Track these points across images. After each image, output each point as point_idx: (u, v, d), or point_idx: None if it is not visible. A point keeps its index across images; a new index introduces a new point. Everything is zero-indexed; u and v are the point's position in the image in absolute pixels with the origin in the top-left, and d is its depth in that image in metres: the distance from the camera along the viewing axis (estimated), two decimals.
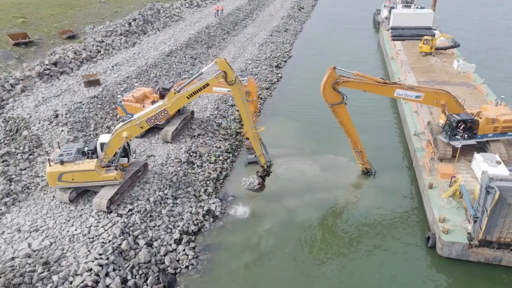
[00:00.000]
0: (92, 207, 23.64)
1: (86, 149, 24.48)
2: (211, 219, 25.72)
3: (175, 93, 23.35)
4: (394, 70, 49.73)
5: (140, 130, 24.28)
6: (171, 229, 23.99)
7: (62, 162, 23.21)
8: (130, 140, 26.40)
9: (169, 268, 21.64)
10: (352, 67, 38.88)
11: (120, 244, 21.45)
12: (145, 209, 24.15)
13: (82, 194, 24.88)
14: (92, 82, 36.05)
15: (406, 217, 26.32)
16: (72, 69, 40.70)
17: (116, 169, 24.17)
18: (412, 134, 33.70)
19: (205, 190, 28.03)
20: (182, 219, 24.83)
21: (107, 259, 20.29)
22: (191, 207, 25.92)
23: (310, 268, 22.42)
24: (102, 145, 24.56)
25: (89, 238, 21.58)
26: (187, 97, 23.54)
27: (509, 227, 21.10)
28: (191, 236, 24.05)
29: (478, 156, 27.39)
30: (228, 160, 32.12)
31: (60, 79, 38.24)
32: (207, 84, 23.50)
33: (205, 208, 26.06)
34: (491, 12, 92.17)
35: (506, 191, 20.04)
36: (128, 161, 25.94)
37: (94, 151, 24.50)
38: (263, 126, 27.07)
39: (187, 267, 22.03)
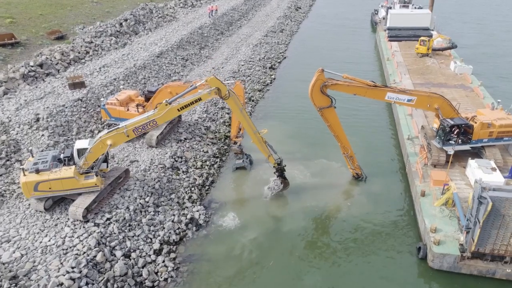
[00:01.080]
0: (69, 216, 22.64)
1: (62, 156, 23.50)
2: (194, 228, 24.72)
3: (166, 105, 22.84)
4: (389, 72, 48.70)
5: (126, 138, 23.40)
6: (151, 239, 22.99)
7: (37, 171, 22.20)
8: None
9: (146, 281, 20.63)
10: (347, 69, 37.73)
11: (95, 256, 20.45)
12: (124, 218, 23.15)
13: (59, 202, 23.89)
14: (77, 84, 35.06)
15: (397, 226, 25.32)
16: (58, 70, 39.76)
17: (97, 175, 23.20)
18: (406, 138, 32.69)
19: (190, 197, 27.04)
20: (163, 228, 23.84)
21: (80, 272, 19.27)
22: (174, 215, 24.92)
23: (295, 281, 21.41)
24: (79, 151, 23.61)
25: (63, 250, 20.58)
26: (178, 109, 23.26)
27: (503, 239, 20.09)
28: (172, 246, 23.07)
29: (472, 162, 26.39)
30: (215, 165, 31.11)
31: (46, 81, 37.29)
32: (200, 99, 23.45)
33: (188, 216, 25.08)
34: (491, 13, 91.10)
35: (499, 201, 19.05)
36: (107, 167, 24.95)
37: (71, 158, 23.52)
38: (265, 128, 26.62)
39: (166, 279, 21.04)
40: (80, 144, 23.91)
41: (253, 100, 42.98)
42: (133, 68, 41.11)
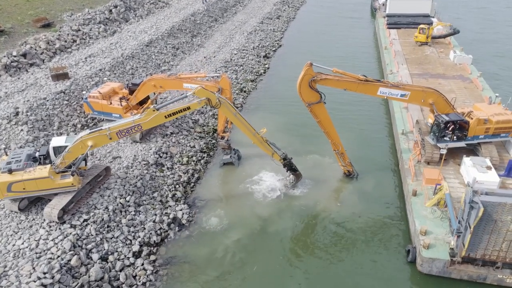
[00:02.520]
0: (44, 217, 21.77)
1: (37, 154, 22.52)
2: (177, 228, 23.92)
3: (153, 110, 22.11)
4: (387, 61, 47.19)
5: (108, 141, 22.67)
6: (130, 240, 22.18)
7: (10, 171, 21.24)
8: None
9: (123, 285, 19.92)
10: (344, 59, 35.10)
11: (69, 260, 19.66)
12: (102, 219, 22.30)
13: (35, 201, 23.02)
14: (60, 76, 33.84)
15: (388, 227, 24.39)
16: (43, 60, 38.52)
17: (73, 175, 22.24)
18: (400, 133, 31.55)
19: (173, 195, 26.14)
20: (144, 228, 23.02)
21: (52, 278, 18.53)
22: (155, 215, 24.06)
23: (278, 287, 20.64)
24: (55, 149, 22.65)
25: (36, 253, 19.79)
26: (165, 116, 22.55)
27: (494, 244, 19.20)
28: (152, 248, 22.29)
29: (467, 160, 25.33)
30: (202, 161, 30.14)
31: (29, 71, 36.11)
32: (188, 108, 22.78)
33: (171, 216, 24.24)
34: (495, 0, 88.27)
35: (491, 206, 18.08)
36: (86, 164, 23.99)
37: (46, 156, 22.56)
38: (264, 128, 25.72)
39: (144, 283, 20.31)
40: (56, 141, 22.93)
41: (245, 91, 41.73)
42: (121, 58, 39.76)
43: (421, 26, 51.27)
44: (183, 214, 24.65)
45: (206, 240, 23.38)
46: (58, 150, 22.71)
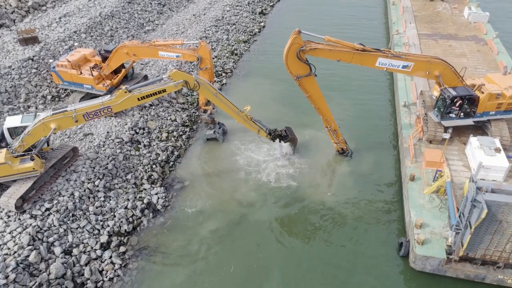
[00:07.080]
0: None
1: None
2: (151, 214, 22.10)
3: (125, 92, 20.07)
4: (393, 20, 42.87)
5: (74, 124, 20.57)
6: (98, 230, 20.45)
7: None
8: None
9: (88, 281, 18.42)
10: (347, 18, 30.18)
11: (27, 256, 18.03)
12: (67, 208, 20.42)
13: None
14: (29, 40, 30.73)
15: (382, 214, 22.28)
16: (14, 21, 35.19)
17: (32, 159, 20.07)
18: (402, 105, 28.62)
19: (149, 177, 24.09)
20: (114, 216, 21.22)
21: (7, 277, 16.99)
22: (128, 200, 22.17)
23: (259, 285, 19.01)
24: (10, 130, 20.36)
25: None
26: (138, 98, 20.57)
27: (497, 245, 17.10)
28: (122, 238, 20.59)
29: (473, 141, 22.64)
30: (184, 136, 27.76)
31: None
32: (164, 90, 20.89)
33: (145, 201, 22.34)
34: None
35: (497, 206, 15.74)
36: (48, 145, 21.79)
37: (1, 139, 20.32)
38: (248, 105, 23.65)
39: (111, 279, 18.84)
40: (11, 122, 20.63)
41: (236, 54, 38.32)
42: (98, 18, 36.18)
43: None
44: (158, 198, 22.73)
45: (181, 228, 21.58)
46: (14, 131, 20.46)
